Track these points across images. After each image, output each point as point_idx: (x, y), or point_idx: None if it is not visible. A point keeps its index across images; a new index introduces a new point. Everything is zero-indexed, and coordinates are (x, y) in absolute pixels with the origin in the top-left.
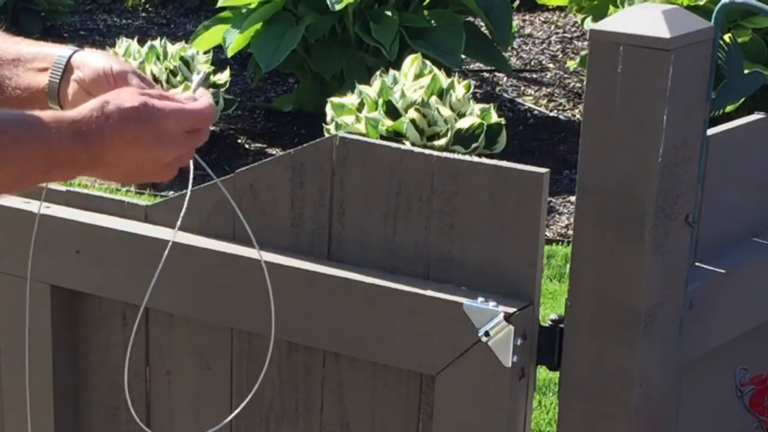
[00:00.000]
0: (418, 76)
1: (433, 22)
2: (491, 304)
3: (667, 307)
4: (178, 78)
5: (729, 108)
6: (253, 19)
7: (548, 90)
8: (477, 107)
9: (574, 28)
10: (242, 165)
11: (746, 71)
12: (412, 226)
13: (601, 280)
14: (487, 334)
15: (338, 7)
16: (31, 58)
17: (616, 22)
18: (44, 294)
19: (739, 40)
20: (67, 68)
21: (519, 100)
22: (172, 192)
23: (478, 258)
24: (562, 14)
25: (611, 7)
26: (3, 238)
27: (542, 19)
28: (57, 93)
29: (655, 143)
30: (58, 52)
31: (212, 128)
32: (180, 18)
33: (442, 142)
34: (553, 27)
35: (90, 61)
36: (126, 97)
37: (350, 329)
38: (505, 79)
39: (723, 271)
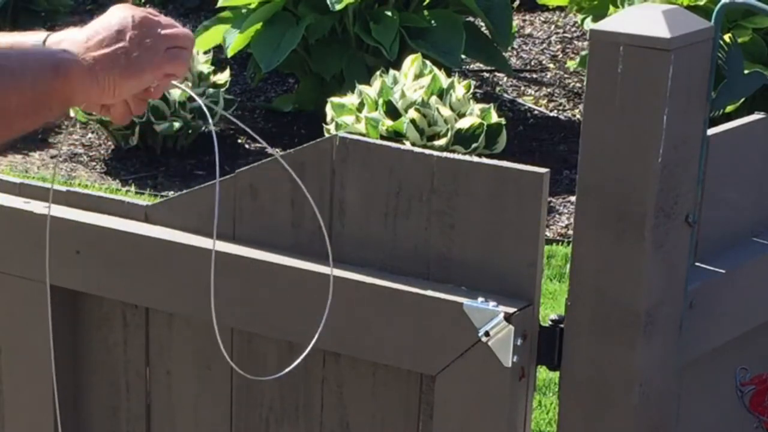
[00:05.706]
0: (418, 76)
1: (433, 22)
2: (491, 304)
3: (667, 307)
4: None
5: (729, 108)
6: (253, 19)
7: (548, 90)
8: (477, 107)
9: (574, 28)
10: (242, 165)
11: (746, 71)
12: (412, 226)
13: (601, 280)
14: (487, 334)
15: (338, 7)
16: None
17: (616, 22)
18: (44, 294)
19: (739, 40)
20: None
21: (519, 100)
22: (172, 192)
23: (478, 258)
24: (562, 14)
25: (611, 7)
26: (3, 238)
27: (542, 19)
28: None
29: (655, 143)
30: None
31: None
32: (180, 18)
33: (442, 142)
34: (553, 27)
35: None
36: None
37: (350, 329)
38: (505, 79)
39: (723, 271)
